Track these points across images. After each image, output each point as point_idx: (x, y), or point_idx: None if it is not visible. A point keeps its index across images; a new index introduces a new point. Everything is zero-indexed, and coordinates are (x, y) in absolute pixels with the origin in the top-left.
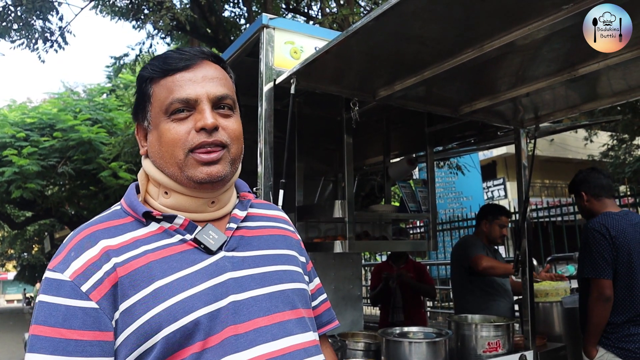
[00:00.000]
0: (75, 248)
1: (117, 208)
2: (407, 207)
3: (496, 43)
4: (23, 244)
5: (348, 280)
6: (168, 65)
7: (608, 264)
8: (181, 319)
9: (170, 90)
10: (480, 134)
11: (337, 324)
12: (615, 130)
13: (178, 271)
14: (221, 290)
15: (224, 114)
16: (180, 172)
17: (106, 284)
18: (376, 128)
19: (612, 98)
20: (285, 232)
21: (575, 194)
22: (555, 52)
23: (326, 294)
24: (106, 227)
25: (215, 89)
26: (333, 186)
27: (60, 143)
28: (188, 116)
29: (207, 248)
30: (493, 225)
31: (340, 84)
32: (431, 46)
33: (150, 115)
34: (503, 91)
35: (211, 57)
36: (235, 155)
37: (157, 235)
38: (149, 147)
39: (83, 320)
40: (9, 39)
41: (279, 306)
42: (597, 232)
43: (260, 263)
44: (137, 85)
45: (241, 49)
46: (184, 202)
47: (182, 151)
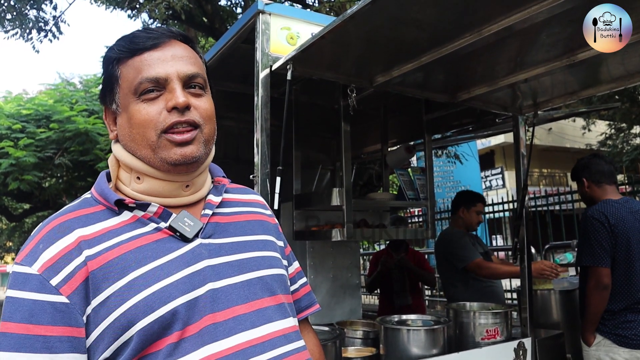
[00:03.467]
0: (44, 239)
1: (87, 196)
2: (405, 195)
3: (494, 27)
4: (21, 236)
5: (346, 269)
6: (135, 45)
7: (606, 252)
8: (158, 309)
9: (138, 70)
10: (478, 121)
11: (318, 307)
12: (613, 119)
13: (153, 260)
14: (198, 278)
15: (195, 93)
16: (153, 154)
17: (77, 278)
18: (373, 116)
19: (611, 84)
20: (262, 217)
21: (577, 180)
22: (554, 36)
23: (306, 278)
24: (77, 216)
25: (186, 67)
26: (330, 175)
27: (56, 134)
28: (158, 96)
29: (182, 236)
30: (471, 213)
31: (338, 70)
32: (429, 31)
33: (119, 97)
34: (501, 77)
35: (179, 36)
36: (208, 135)
37: (131, 224)
38: (119, 131)
39: (52, 316)
40: (3, 29)
41: (257, 293)
42: (596, 220)
43: (237, 250)
44: (104, 67)
45: (236, 36)
46: (158, 187)
47: (154, 132)
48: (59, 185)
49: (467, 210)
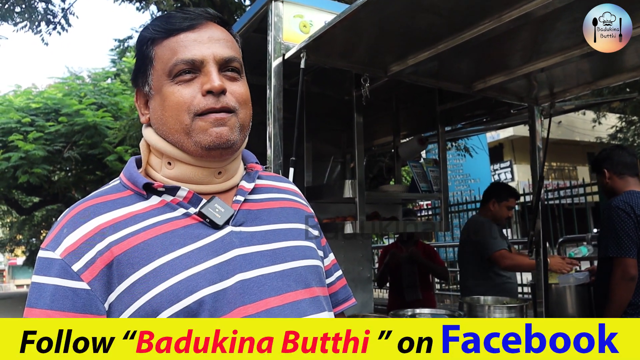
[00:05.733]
0: (68, 224)
1: (116, 182)
2: (419, 187)
3: (515, 13)
4: (31, 229)
5: (358, 262)
6: (171, 25)
7: (633, 242)
8: (184, 299)
9: (174, 51)
10: (493, 112)
11: (354, 302)
12: (624, 112)
13: (181, 247)
14: (227, 268)
15: (231, 76)
16: (187, 138)
17: (98, 264)
18: (385, 107)
19: (629, 73)
20: (297, 205)
21: (598, 171)
22: (574, 23)
23: (341, 271)
24: (102, 201)
25: (222, 50)
26: (341, 167)
27: (65, 128)
28: (193, 78)
29: (212, 222)
30: (501, 206)
31: (351, 59)
32: (446, 17)
33: (152, 79)
34: (518, 66)
35: (216, 18)
36: (243, 121)
37: (159, 209)
38: (151, 114)
39: (73, 302)
40: (12, 22)
41: (291, 285)
42: (621, 210)
43: (270, 239)
44: (137, 48)
45: (248, 25)
46: (189, 173)
47: (188, 115)
48: (68, 179)
49: (499, 203)
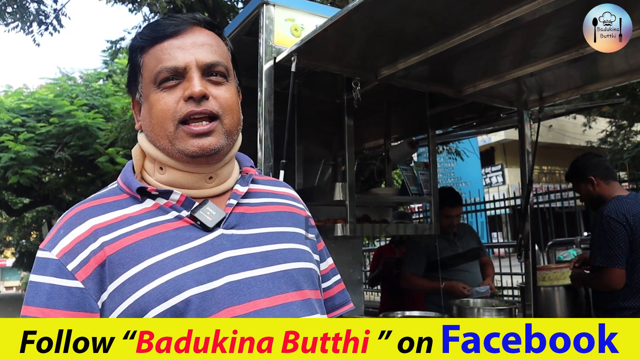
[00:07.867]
0: (65, 226)
1: (114, 186)
2: (409, 190)
3: (504, 19)
4: (21, 230)
5: (348, 265)
6: (157, 33)
7: (623, 252)
8: (171, 298)
9: (158, 59)
10: (483, 116)
11: (352, 306)
12: (614, 116)
13: (171, 249)
14: (216, 269)
15: (215, 81)
16: (171, 146)
17: (92, 264)
18: (376, 111)
19: (616, 79)
20: (292, 209)
21: (582, 181)
22: (563, 28)
23: (340, 276)
24: (99, 204)
25: (205, 55)
26: (332, 170)
27: (56, 129)
28: (177, 84)
29: (203, 225)
30: (441, 217)
31: (342, 63)
32: (436, 22)
33: (142, 87)
34: (507, 71)
35: (203, 22)
36: (230, 126)
37: (152, 211)
38: (142, 121)
39: (67, 300)
40: (3, 22)
41: (282, 287)
42: (614, 220)
43: (262, 241)
44: (129, 56)
45: (239, 28)
46: (179, 178)
47: (172, 123)
48: (59, 180)
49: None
